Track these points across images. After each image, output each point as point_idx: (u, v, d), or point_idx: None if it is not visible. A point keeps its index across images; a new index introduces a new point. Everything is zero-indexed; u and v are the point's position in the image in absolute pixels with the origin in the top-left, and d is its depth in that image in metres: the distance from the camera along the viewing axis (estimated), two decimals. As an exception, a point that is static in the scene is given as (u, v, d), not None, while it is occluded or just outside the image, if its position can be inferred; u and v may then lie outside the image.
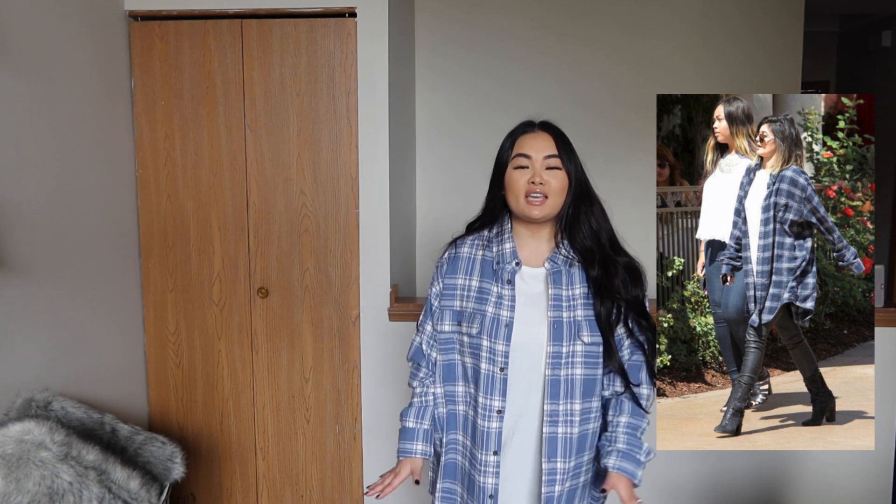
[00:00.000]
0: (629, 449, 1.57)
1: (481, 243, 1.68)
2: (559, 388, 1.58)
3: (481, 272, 1.65)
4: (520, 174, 1.61)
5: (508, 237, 1.65)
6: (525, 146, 1.62)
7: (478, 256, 1.67)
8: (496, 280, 1.63)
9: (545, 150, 1.62)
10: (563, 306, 1.59)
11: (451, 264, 1.70)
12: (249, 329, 2.87)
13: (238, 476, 2.95)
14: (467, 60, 3.62)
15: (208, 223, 2.82)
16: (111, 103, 2.67)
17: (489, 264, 1.65)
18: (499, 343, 1.59)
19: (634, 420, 1.60)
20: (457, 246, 1.72)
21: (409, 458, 1.74)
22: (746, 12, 3.54)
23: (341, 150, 2.77)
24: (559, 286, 1.60)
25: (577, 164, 1.65)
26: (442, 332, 1.69)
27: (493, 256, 1.65)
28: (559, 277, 1.61)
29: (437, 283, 1.71)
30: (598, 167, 3.67)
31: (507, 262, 1.63)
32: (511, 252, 1.64)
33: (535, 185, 1.59)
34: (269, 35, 2.73)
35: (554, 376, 1.58)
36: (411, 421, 1.73)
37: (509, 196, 1.63)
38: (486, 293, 1.63)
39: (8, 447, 1.78)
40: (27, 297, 2.20)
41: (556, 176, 1.61)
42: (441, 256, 1.74)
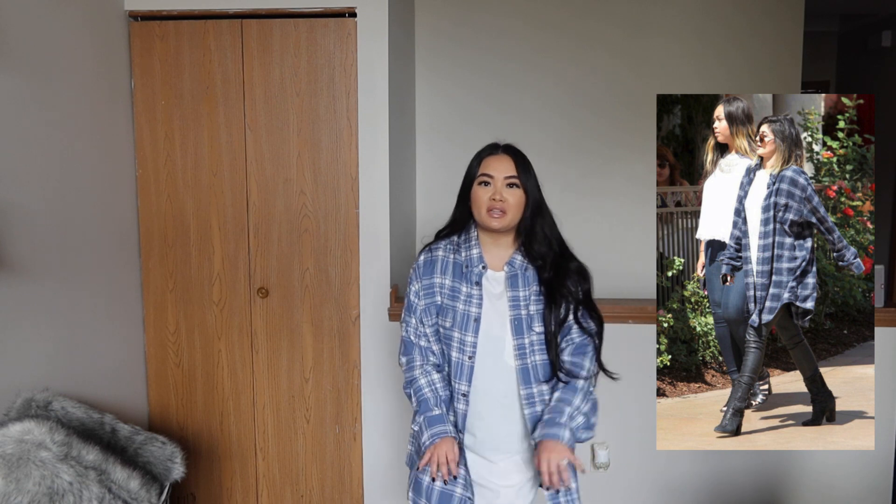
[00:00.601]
0: (553, 416, 1.79)
1: (452, 248, 1.94)
2: (529, 374, 1.84)
3: (453, 273, 1.91)
4: (483, 191, 1.85)
5: (475, 243, 1.91)
6: (489, 167, 1.86)
7: (450, 259, 1.93)
8: (465, 281, 1.88)
9: (506, 171, 1.84)
10: (520, 305, 1.85)
11: (428, 266, 1.94)
12: (249, 329, 2.87)
13: (238, 476, 2.95)
14: (467, 60, 3.62)
15: (208, 223, 2.82)
16: (111, 103, 2.67)
17: (459, 267, 1.91)
18: (468, 335, 1.85)
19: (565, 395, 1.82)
20: (432, 250, 1.96)
21: (446, 438, 1.85)
22: (746, 12, 3.55)
23: (341, 150, 2.77)
24: (516, 288, 1.86)
25: (533, 182, 1.87)
26: (431, 325, 1.92)
27: (463, 260, 1.91)
28: (515, 280, 1.87)
29: (417, 282, 1.94)
30: (598, 167, 3.71)
31: (475, 265, 1.89)
32: (478, 257, 1.90)
33: (495, 201, 1.83)
34: (269, 35, 2.73)
35: (523, 365, 1.84)
36: (436, 409, 1.87)
37: (474, 209, 1.87)
38: (458, 292, 1.88)
39: (8, 447, 1.78)
40: (27, 297, 2.20)
41: (514, 194, 1.84)
42: (417, 260, 1.97)
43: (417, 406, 1.90)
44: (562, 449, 1.74)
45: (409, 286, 1.96)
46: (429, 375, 1.91)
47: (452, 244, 1.94)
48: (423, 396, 1.89)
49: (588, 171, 3.65)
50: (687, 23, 3.56)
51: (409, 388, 1.93)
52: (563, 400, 1.81)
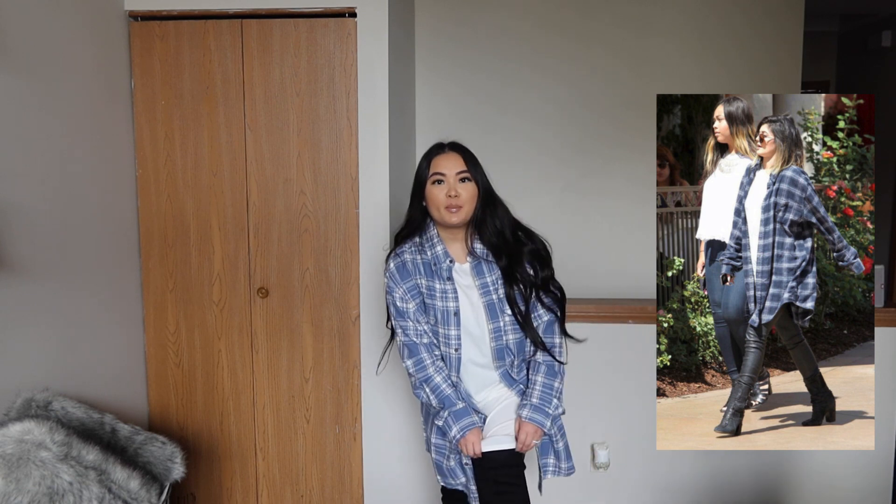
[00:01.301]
0: (541, 403, 1.97)
1: (416, 249, 2.03)
2: (503, 352, 2.00)
3: (425, 273, 2.00)
4: (438, 189, 1.95)
5: (438, 241, 2.01)
6: (440, 165, 1.96)
7: (418, 260, 2.02)
8: (437, 278, 1.99)
9: (457, 168, 1.95)
10: (490, 290, 1.98)
11: (402, 270, 2.02)
12: (249, 329, 2.87)
13: (238, 476, 2.95)
14: (467, 60, 3.62)
15: (208, 223, 2.82)
16: (111, 103, 2.67)
17: (428, 265, 2.00)
18: (451, 329, 1.98)
19: (548, 380, 1.98)
20: (399, 255, 2.04)
21: (474, 429, 1.98)
22: (746, 12, 3.55)
23: (341, 150, 2.77)
24: (482, 276, 1.98)
25: (482, 174, 1.98)
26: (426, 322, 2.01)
27: (430, 258, 2.00)
28: (480, 268, 1.99)
29: (398, 288, 2.02)
30: (598, 167, 3.71)
31: (442, 261, 1.99)
32: (443, 252, 2.00)
33: (451, 197, 1.93)
34: (269, 35, 2.73)
35: (498, 346, 1.99)
36: (459, 402, 2.00)
37: (431, 208, 1.98)
38: (433, 290, 1.99)
39: (8, 447, 1.78)
40: (27, 297, 2.20)
41: (467, 188, 1.95)
42: (388, 267, 2.04)
43: (440, 403, 2.00)
44: (539, 433, 1.97)
45: (389, 294, 2.04)
46: (443, 371, 2.01)
47: (415, 245, 2.04)
48: (443, 393, 1.99)
49: (588, 171, 3.65)
50: (687, 23, 3.56)
51: (423, 387, 2.01)
52: (548, 386, 1.98)
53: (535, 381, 1.99)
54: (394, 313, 2.04)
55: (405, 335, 2.02)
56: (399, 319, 2.03)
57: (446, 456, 2.09)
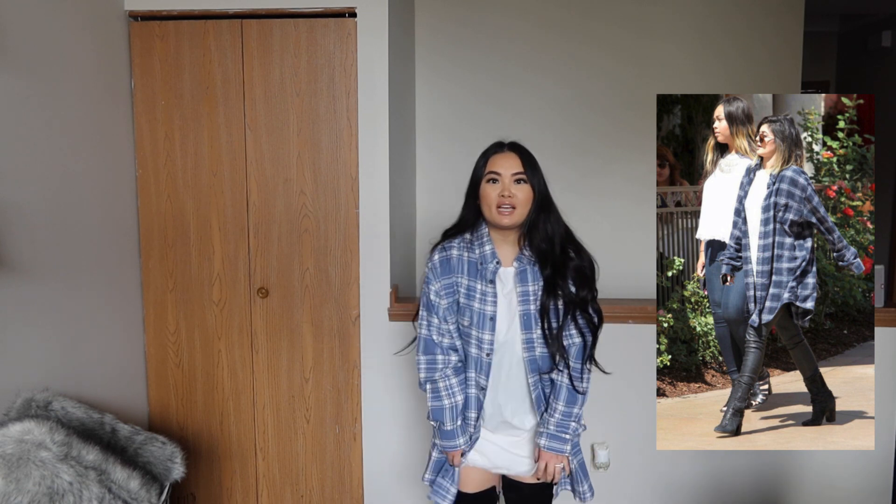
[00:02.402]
0: (557, 431, 1.94)
1: (465, 246, 1.98)
2: (536, 364, 1.94)
3: (468, 272, 1.95)
4: (492, 188, 1.90)
5: (487, 240, 1.95)
6: (496, 165, 1.91)
7: (465, 257, 1.96)
8: (480, 279, 1.93)
9: (513, 168, 1.90)
10: (529, 300, 1.92)
11: (445, 265, 1.97)
12: (249, 329, 2.87)
13: (238, 476, 2.95)
14: (467, 59, 3.62)
15: (208, 223, 2.82)
16: (111, 103, 2.67)
17: (474, 264, 1.95)
18: (485, 333, 1.93)
19: (567, 408, 1.94)
20: (446, 249, 1.99)
21: (455, 452, 2.01)
22: (746, 12, 3.55)
23: (341, 150, 2.77)
24: (525, 283, 1.92)
25: (540, 178, 1.93)
26: (454, 322, 1.98)
27: (477, 257, 1.95)
28: (525, 275, 1.93)
29: (436, 282, 1.97)
30: (598, 167, 3.71)
31: (489, 262, 1.94)
32: (491, 253, 1.94)
33: (504, 197, 1.88)
34: (269, 35, 2.73)
35: (531, 357, 1.94)
36: (449, 423, 1.99)
37: (483, 206, 1.92)
38: (473, 290, 1.94)
39: (8, 447, 1.78)
40: (27, 297, 2.20)
41: (522, 189, 1.89)
42: (431, 259, 2.00)
43: (433, 413, 1.99)
44: (561, 458, 1.97)
45: (426, 285, 1.99)
46: (447, 380, 1.97)
47: (465, 242, 1.97)
48: (441, 406, 1.98)
49: (588, 171, 3.65)
50: (687, 23, 3.56)
51: (427, 386, 2.00)
52: (567, 414, 1.94)
53: (554, 409, 1.94)
54: (424, 304, 2.00)
55: (428, 330, 1.99)
56: (426, 313, 1.99)
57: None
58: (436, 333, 1.98)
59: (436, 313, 1.97)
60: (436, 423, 2.00)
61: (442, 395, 1.97)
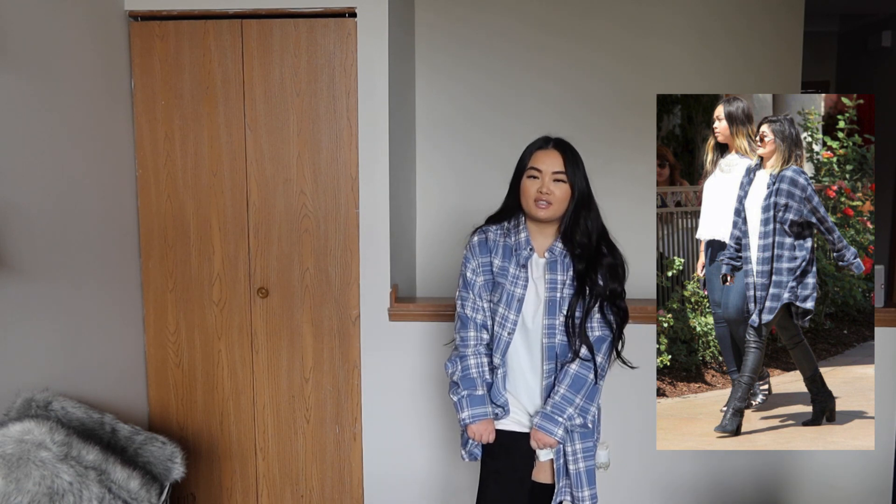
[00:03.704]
0: (552, 412, 1.99)
1: (502, 232, 2.08)
2: (554, 351, 2.00)
3: (503, 254, 2.05)
4: (531, 183, 1.99)
5: (524, 228, 2.05)
6: (538, 161, 2.00)
7: (500, 241, 2.07)
8: (514, 262, 2.03)
9: (554, 167, 1.98)
10: (556, 288, 2.00)
11: (483, 246, 2.08)
12: (249, 329, 2.87)
13: (238, 476, 2.95)
14: (468, 59, 3.62)
15: (208, 223, 2.82)
16: (111, 103, 2.67)
17: (509, 249, 2.05)
18: (511, 313, 2.01)
19: (569, 392, 1.99)
20: (484, 231, 2.10)
21: (485, 420, 2.05)
22: (747, 12, 3.54)
23: (341, 150, 2.77)
24: (554, 272, 2.01)
25: (581, 177, 2.01)
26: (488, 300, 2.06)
27: (513, 243, 2.05)
28: (555, 266, 2.01)
29: (474, 260, 2.09)
30: (598, 166, 3.67)
31: (523, 248, 2.03)
32: (525, 240, 2.04)
33: (542, 193, 1.97)
34: (269, 35, 2.73)
35: (550, 343, 2.00)
36: (480, 389, 2.06)
37: (522, 199, 2.02)
38: (506, 271, 2.03)
39: (8, 447, 1.78)
40: (27, 297, 2.20)
41: (560, 187, 1.98)
42: (470, 240, 2.11)
43: (461, 382, 2.05)
44: (551, 441, 2.00)
45: (464, 265, 2.10)
46: (479, 357, 2.06)
47: (503, 228, 2.08)
48: (469, 374, 2.05)
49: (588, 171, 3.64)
50: (687, 23, 3.56)
51: (455, 364, 2.07)
52: (567, 399, 1.99)
53: (556, 391, 1.99)
54: (461, 283, 2.10)
55: (462, 307, 2.08)
56: (463, 290, 2.09)
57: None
58: (470, 308, 2.07)
59: (471, 289, 2.07)
60: (466, 392, 2.04)
61: (472, 368, 2.05)
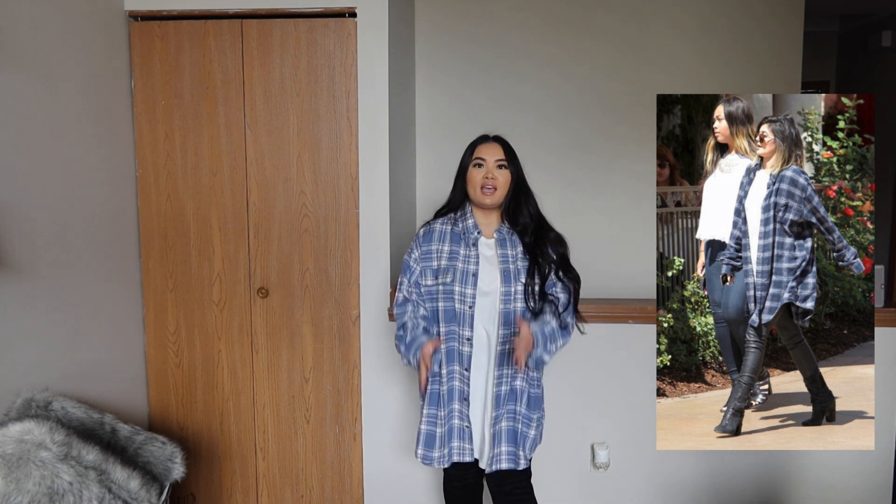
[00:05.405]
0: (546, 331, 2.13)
1: (449, 222, 2.28)
2: (510, 316, 2.18)
3: (451, 240, 2.25)
4: (477, 171, 2.21)
5: (470, 216, 2.26)
6: (482, 152, 2.22)
7: (447, 230, 2.27)
8: (463, 244, 2.23)
9: (496, 156, 2.21)
10: (509, 261, 2.20)
11: (427, 236, 2.28)
12: (249, 329, 2.87)
13: (238, 476, 2.95)
14: (468, 58, 3.62)
15: (208, 223, 2.82)
16: (111, 103, 2.67)
17: (457, 235, 2.25)
18: (468, 288, 2.19)
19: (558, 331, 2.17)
20: (430, 224, 2.31)
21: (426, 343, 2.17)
22: (747, 12, 3.55)
23: (341, 150, 2.77)
24: (505, 248, 2.22)
25: (518, 166, 2.24)
26: (426, 286, 2.24)
27: (460, 229, 2.25)
28: (504, 243, 2.23)
29: (416, 250, 2.28)
30: (598, 166, 3.71)
31: (471, 232, 2.24)
32: (473, 225, 2.25)
33: (487, 179, 2.19)
34: (269, 35, 2.73)
35: (506, 309, 2.18)
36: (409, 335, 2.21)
37: (469, 188, 2.23)
38: (456, 254, 2.23)
39: (8, 447, 1.78)
40: (27, 297, 2.20)
41: (503, 174, 2.20)
42: (417, 233, 2.31)
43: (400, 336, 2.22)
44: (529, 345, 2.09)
45: (408, 254, 2.29)
46: (415, 318, 2.24)
47: (449, 219, 2.29)
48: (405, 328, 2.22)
49: (588, 170, 3.65)
50: (687, 23, 3.56)
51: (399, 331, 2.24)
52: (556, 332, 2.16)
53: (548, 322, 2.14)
54: (403, 269, 2.29)
55: (400, 291, 2.27)
56: (403, 276, 2.27)
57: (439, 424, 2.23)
58: (405, 292, 2.26)
59: (409, 275, 2.26)
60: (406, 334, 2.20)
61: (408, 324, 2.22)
